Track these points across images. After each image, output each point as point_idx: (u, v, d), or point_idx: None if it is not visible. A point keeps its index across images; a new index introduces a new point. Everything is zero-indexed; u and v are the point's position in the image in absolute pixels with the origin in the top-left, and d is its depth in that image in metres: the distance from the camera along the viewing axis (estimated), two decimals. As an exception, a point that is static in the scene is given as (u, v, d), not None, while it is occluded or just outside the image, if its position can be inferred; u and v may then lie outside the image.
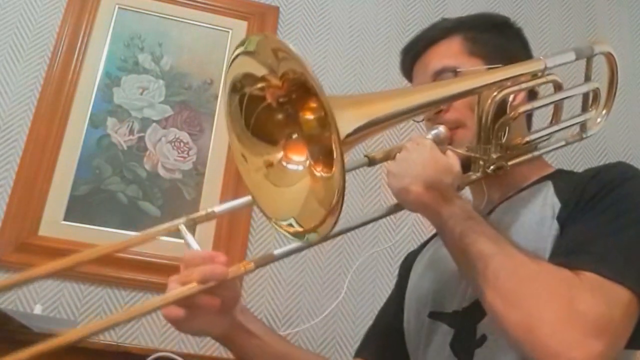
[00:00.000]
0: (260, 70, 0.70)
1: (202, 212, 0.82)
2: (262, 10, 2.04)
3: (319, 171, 0.71)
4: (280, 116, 0.73)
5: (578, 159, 2.10)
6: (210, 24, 1.99)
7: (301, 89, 0.68)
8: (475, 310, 0.80)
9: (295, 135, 0.73)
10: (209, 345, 1.66)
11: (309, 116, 0.71)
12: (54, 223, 1.69)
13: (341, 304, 1.71)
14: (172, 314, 0.71)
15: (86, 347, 1.26)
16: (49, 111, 1.78)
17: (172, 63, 1.93)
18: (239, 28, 2.00)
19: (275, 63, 0.68)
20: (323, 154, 0.70)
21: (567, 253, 0.73)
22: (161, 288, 0.79)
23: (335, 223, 0.64)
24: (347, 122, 0.64)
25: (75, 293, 1.65)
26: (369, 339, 1.08)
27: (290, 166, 0.73)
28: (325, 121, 0.64)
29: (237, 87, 0.73)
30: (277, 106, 0.72)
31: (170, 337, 1.65)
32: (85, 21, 1.89)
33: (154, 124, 1.85)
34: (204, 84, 1.92)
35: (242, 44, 0.70)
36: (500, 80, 0.83)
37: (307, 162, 0.72)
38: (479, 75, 0.85)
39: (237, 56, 0.71)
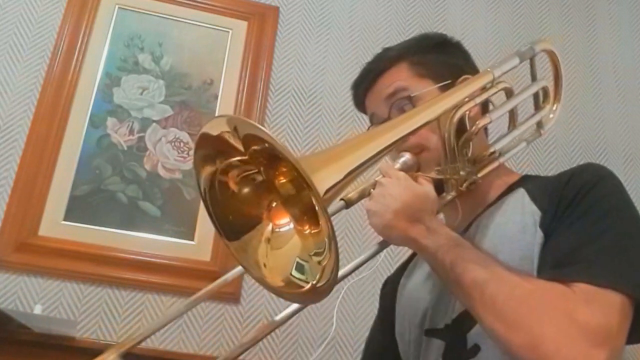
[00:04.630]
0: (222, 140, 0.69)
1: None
2: (262, 10, 2.04)
3: (307, 229, 0.71)
4: (251, 191, 0.73)
5: (578, 159, 2.10)
6: (210, 24, 1.99)
7: (268, 155, 0.68)
8: (464, 320, 0.81)
9: (274, 204, 0.74)
10: (209, 346, 1.66)
11: (282, 180, 0.71)
12: (54, 223, 1.69)
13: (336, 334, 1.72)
14: None
15: (86, 348, 1.26)
16: (49, 111, 1.78)
17: (172, 63, 1.93)
18: (239, 28, 2.00)
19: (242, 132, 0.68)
20: (305, 212, 0.71)
21: (556, 265, 0.74)
22: (161, 288, 0.79)
23: (332, 284, 0.64)
24: (323, 182, 0.65)
25: (75, 293, 1.65)
26: None
27: (282, 230, 0.74)
28: (300, 182, 0.65)
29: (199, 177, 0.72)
30: (245, 183, 0.72)
31: (170, 337, 1.65)
32: (85, 21, 1.89)
33: (154, 124, 1.85)
34: (204, 84, 1.92)
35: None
36: (457, 102, 0.85)
37: (292, 223, 0.73)
38: (435, 101, 0.86)
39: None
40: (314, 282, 0.67)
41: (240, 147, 0.69)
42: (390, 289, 1.07)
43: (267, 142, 0.66)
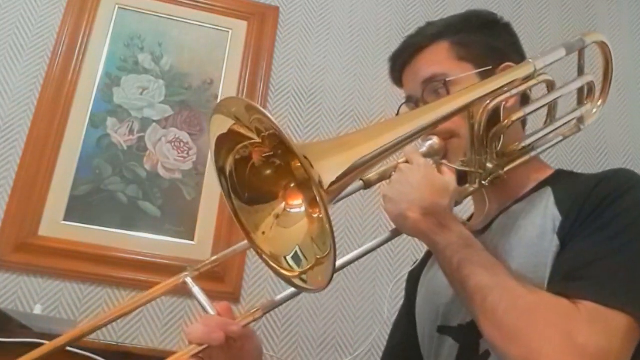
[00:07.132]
0: (230, 122, 0.69)
1: (206, 261, 0.82)
2: (262, 10, 2.04)
3: (317, 213, 0.70)
4: (271, 171, 0.72)
5: (579, 159, 2.10)
6: (210, 24, 1.99)
7: (280, 141, 0.67)
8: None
9: (292, 185, 0.73)
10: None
11: (298, 163, 0.70)
12: (54, 223, 1.69)
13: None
14: None
15: (86, 347, 1.26)
16: (49, 111, 1.78)
17: (172, 63, 1.93)
18: (239, 28, 2.00)
19: (247, 118, 0.68)
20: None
21: (565, 278, 0.72)
22: (161, 288, 0.80)
23: (333, 269, 0.63)
24: (329, 171, 0.63)
25: (75, 293, 1.65)
26: None
27: (293, 210, 0.73)
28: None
29: (224, 168, 0.72)
30: (265, 163, 0.72)
31: (170, 337, 1.65)
32: (85, 21, 1.89)
33: (154, 124, 1.85)
34: (204, 84, 1.92)
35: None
36: (490, 93, 0.82)
37: (304, 205, 0.72)
38: (467, 91, 0.83)
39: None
40: (307, 268, 0.66)
41: (253, 134, 0.68)
42: (412, 280, 1.06)
43: (271, 128, 0.65)
